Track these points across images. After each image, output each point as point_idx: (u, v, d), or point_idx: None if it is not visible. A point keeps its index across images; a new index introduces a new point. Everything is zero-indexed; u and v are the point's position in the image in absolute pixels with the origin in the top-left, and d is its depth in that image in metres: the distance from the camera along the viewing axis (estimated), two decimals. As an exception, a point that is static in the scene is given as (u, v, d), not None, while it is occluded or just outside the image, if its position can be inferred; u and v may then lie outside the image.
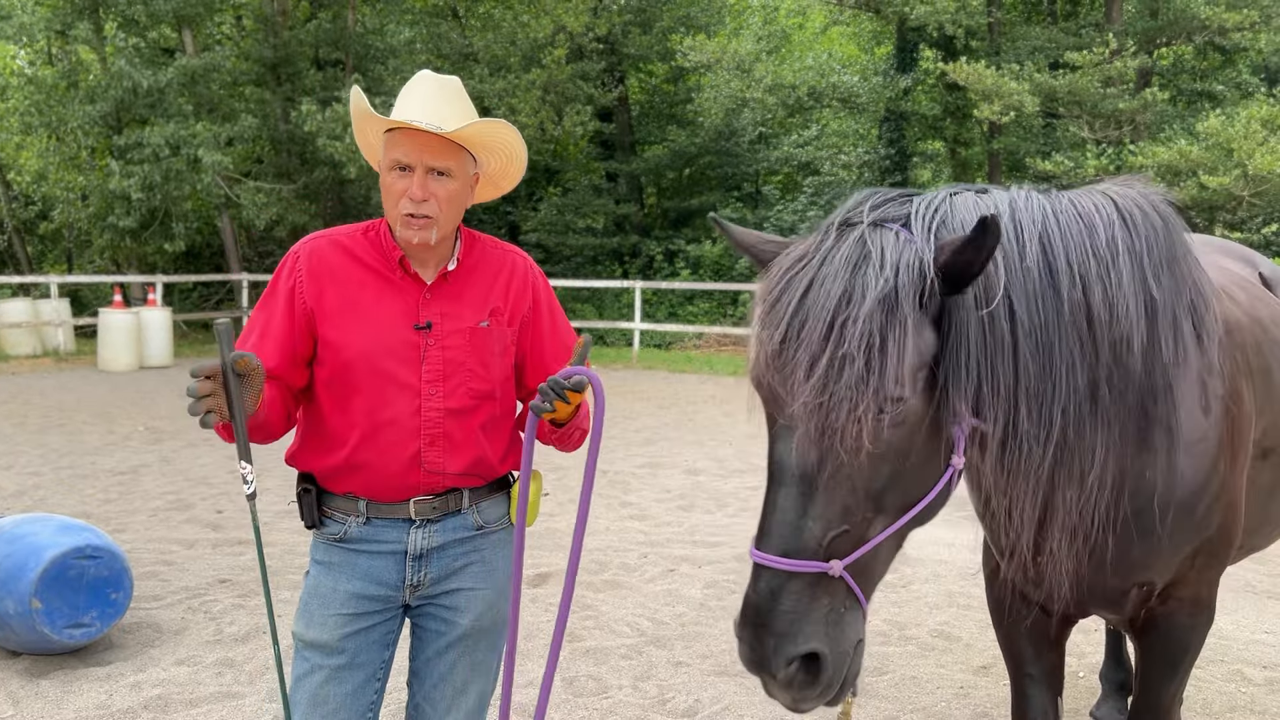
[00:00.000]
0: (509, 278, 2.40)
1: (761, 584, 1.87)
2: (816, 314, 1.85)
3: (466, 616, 2.37)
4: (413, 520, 2.31)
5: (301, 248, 2.33)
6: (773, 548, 1.87)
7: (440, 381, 2.28)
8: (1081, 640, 4.87)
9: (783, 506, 1.88)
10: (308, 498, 2.33)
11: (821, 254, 1.95)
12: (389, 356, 2.25)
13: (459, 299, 2.33)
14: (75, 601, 4.29)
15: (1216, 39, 19.33)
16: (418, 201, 2.19)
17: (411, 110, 2.21)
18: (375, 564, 2.31)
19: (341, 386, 2.26)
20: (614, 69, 24.39)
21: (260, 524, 6.74)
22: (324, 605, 2.30)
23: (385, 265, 2.30)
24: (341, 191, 22.17)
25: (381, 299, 2.28)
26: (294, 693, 2.33)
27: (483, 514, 2.39)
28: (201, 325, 22.22)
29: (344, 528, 2.33)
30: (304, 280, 2.28)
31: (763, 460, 7.46)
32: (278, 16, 22.07)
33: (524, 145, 2.37)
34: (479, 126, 2.23)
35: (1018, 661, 2.85)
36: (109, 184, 18.90)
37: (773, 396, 1.93)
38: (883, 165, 21.83)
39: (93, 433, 10.35)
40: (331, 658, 2.29)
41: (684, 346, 19.74)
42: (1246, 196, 16.32)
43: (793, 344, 1.86)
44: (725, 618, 5.14)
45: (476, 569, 2.39)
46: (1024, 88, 17.37)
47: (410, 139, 2.20)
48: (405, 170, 2.21)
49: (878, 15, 21.23)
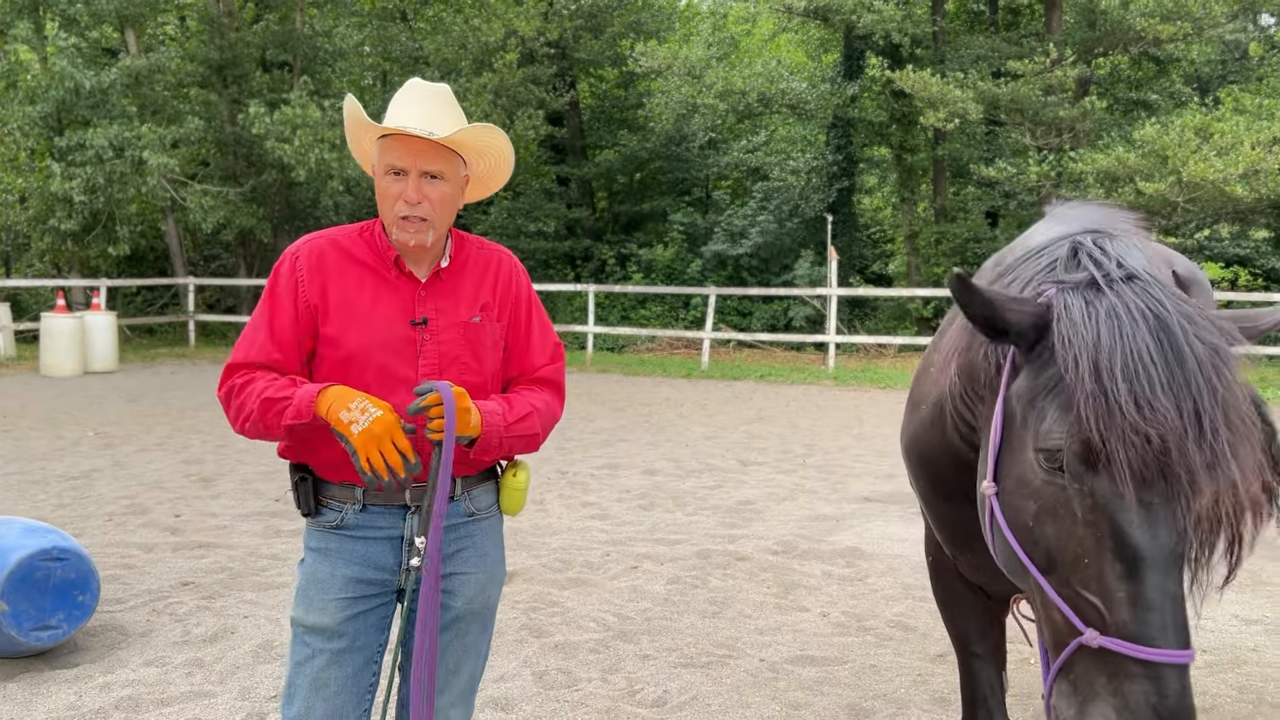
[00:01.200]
0: (496, 274, 2.50)
1: (1176, 684, 1.67)
2: (1198, 385, 1.71)
3: (459, 600, 2.44)
4: (408, 507, 2.39)
5: (300, 248, 2.41)
6: (1179, 641, 1.68)
7: (436, 375, 2.36)
8: (1030, 629, 5.04)
9: (1174, 594, 1.71)
10: (305, 486, 2.39)
11: (1145, 314, 1.78)
12: (387, 352, 2.34)
13: (452, 295, 2.42)
14: (42, 604, 4.27)
15: (1151, 49, 19.95)
16: (413, 204, 2.29)
17: (405, 117, 2.30)
18: (372, 550, 2.38)
19: (339, 379, 2.32)
20: (565, 73, 24.46)
21: (220, 526, 6.76)
22: (323, 591, 2.37)
23: (381, 264, 2.39)
24: (290, 194, 21.96)
25: (379, 297, 2.37)
26: (295, 677, 2.38)
27: (474, 501, 2.47)
28: (146, 330, 21.87)
29: (340, 515, 2.39)
30: (305, 278, 2.36)
31: (719, 460, 7.60)
32: (223, 18, 21.81)
33: (511, 148, 2.49)
34: (470, 132, 2.34)
35: (964, 641, 3.04)
36: (50, 186, 18.55)
37: (1155, 471, 1.70)
38: (830, 171, 22.16)
39: (40, 438, 10.18)
40: (332, 641, 2.35)
41: (637, 349, 19.86)
42: (1181, 202, 16.86)
43: (1188, 416, 1.70)
44: (689, 612, 5.25)
45: (468, 554, 2.46)
46: (968, 95, 17.77)
47: (404, 145, 2.29)
48: (400, 174, 2.31)
49: (825, 23, 21.54)
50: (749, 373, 16.90)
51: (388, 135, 2.32)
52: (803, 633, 4.99)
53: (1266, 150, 16.05)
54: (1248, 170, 15.90)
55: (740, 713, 4.07)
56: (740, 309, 21.57)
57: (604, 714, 4.04)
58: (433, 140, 2.28)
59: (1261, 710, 4.16)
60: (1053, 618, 1.80)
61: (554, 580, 5.71)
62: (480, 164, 2.47)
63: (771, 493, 8.09)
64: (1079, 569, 1.74)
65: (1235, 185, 15.96)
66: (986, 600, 2.97)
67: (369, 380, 2.32)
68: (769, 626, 5.07)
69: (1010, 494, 1.87)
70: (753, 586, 5.71)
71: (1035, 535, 1.80)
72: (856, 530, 6.97)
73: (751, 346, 19.78)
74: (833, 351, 17.17)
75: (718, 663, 4.58)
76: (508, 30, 21.55)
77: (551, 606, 5.29)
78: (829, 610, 5.34)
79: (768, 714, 4.06)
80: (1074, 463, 1.74)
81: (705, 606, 5.35)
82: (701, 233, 23.39)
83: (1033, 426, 1.83)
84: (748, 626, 5.06)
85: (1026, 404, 1.87)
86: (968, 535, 2.75)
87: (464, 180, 2.43)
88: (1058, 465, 1.77)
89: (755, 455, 9.72)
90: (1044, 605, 1.82)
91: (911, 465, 2.90)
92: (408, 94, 2.36)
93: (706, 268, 22.42)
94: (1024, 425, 1.87)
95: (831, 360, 17.05)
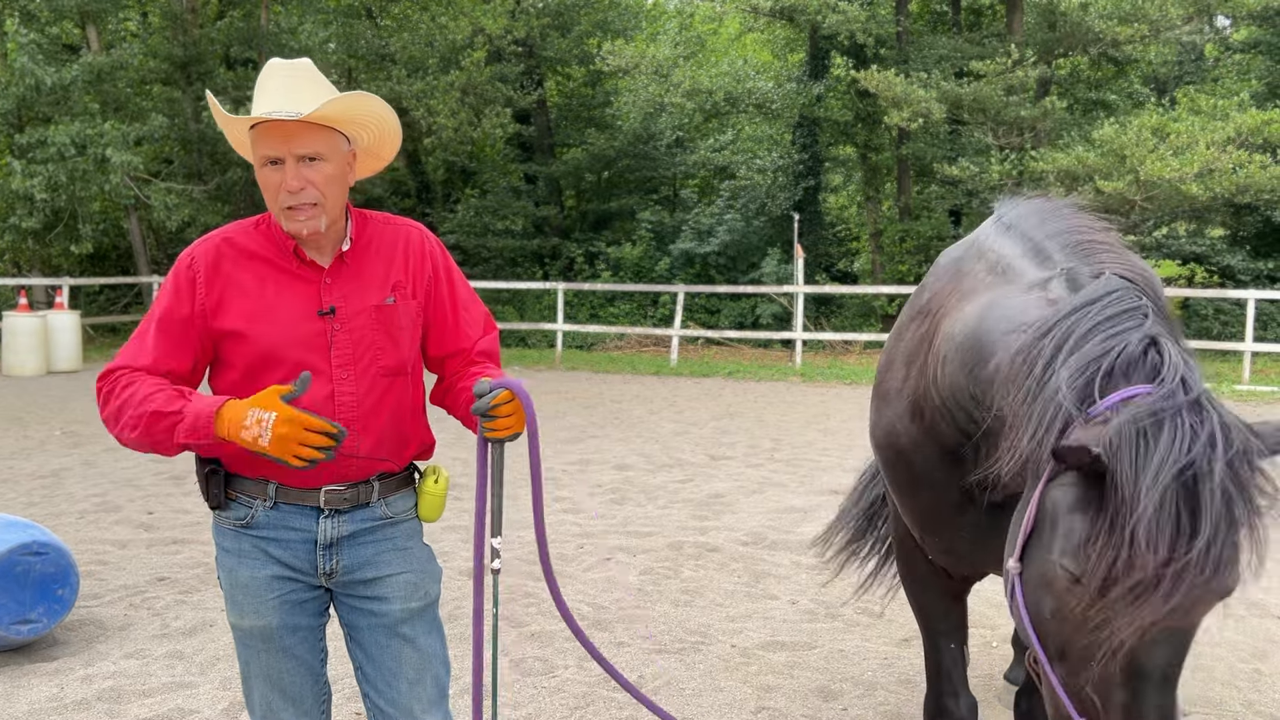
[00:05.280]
0: (405, 250, 2.39)
1: None
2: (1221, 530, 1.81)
3: (394, 603, 2.37)
4: (321, 510, 2.31)
5: (195, 250, 2.30)
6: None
7: (350, 365, 2.29)
8: (994, 614, 5.21)
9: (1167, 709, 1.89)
10: (216, 478, 2.30)
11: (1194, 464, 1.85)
12: (298, 347, 2.25)
13: (359, 279, 2.33)
14: (22, 598, 4.30)
15: (1110, 51, 20.30)
16: (295, 192, 2.18)
17: (268, 102, 2.19)
18: (286, 553, 2.32)
19: (253, 381, 2.24)
20: (532, 72, 24.48)
21: (193, 523, 6.78)
22: (250, 594, 2.31)
23: (281, 256, 2.29)
24: (254, 192, 21.79)
25: (282, 291, 2.27)
26: (248, 673, 2.37)
27: (390, 506, 2.39)
28: (109, 329, 21.64)
29: (250, 512, 2.31)
30: (202, 281, 2.26)
31: (689, 455, 7.73)
32: (186, 14, 21.63)
33: (392, 111, 2.35)
34: (340, 103, 2.20)
35: (929, 619, 3.20)
36: (10, 184, 18.32)
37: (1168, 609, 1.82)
38: (796, 170, 22.35)
39: (5, 438, 10.11)
40: (274, 637, 2.33)
41: (606, 347, 19.94)
42: (1139, 201, 17.20)
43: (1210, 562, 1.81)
44: (662, 601, 5.36)
45: (390, 555, 2.38)
46: (931, 95, 18.01)
47: (273, 131, 2.18)
48: (276, 163, 2.19)
49: (791, 23, 21.73)
50: (717, 369, 17.05)
51: (256, 124, 2.20)
52: (773, 619, 5.12)
53: (1221, 150, 16.42)
54: (1203, 169, 16.26)
55: (713, 696, 4.18)
56: (708, 306, 21.72)
57: (581, 699, 4.14)
58: (301, 120, 2.15)
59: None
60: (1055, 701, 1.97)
61: (529, 572, 5.80)
62: (363, 135, 2.34)
63: (741, 486, 8.22)
64: (1085, 668, 1.91)
65: (1191, 184, 16.30)
66: (949, 580, 3.11)
67: (283, 377, 2.23)
68: (740, 614, 5.19)
69: (1032, 584, 1.99)
70: (724, 576, 5.83)
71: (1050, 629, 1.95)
72: (824, 521, 7.05)
73: (720, 344, 19.93)
74: (800, 348, 17.35)
75: (691, 649, 4.69)
76: (475, 28, 21.55)
77: (527, 597, 5.38)
78: (798, 598, 5.47)
79: (740, 696, 4.18)
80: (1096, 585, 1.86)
81: (678, 596, 5.46)
82: (669, 231, 23.51)
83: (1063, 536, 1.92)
84: (719, 614, 5.18)
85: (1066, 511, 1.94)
86: (939, 521, 2.88)
87: (349, 156, 2.31)
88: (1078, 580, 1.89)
89: (724, 450, 9.85)
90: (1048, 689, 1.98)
91: (887, 458, 2.99)
92: (267, 77, 2.24)
93: (674, 266, 22.55)
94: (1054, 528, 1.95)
95: (799, 357, 17.23)
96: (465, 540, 6.45)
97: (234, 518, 2.33)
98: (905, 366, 2.89)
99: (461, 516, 6.94)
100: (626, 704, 4.09)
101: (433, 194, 26.20)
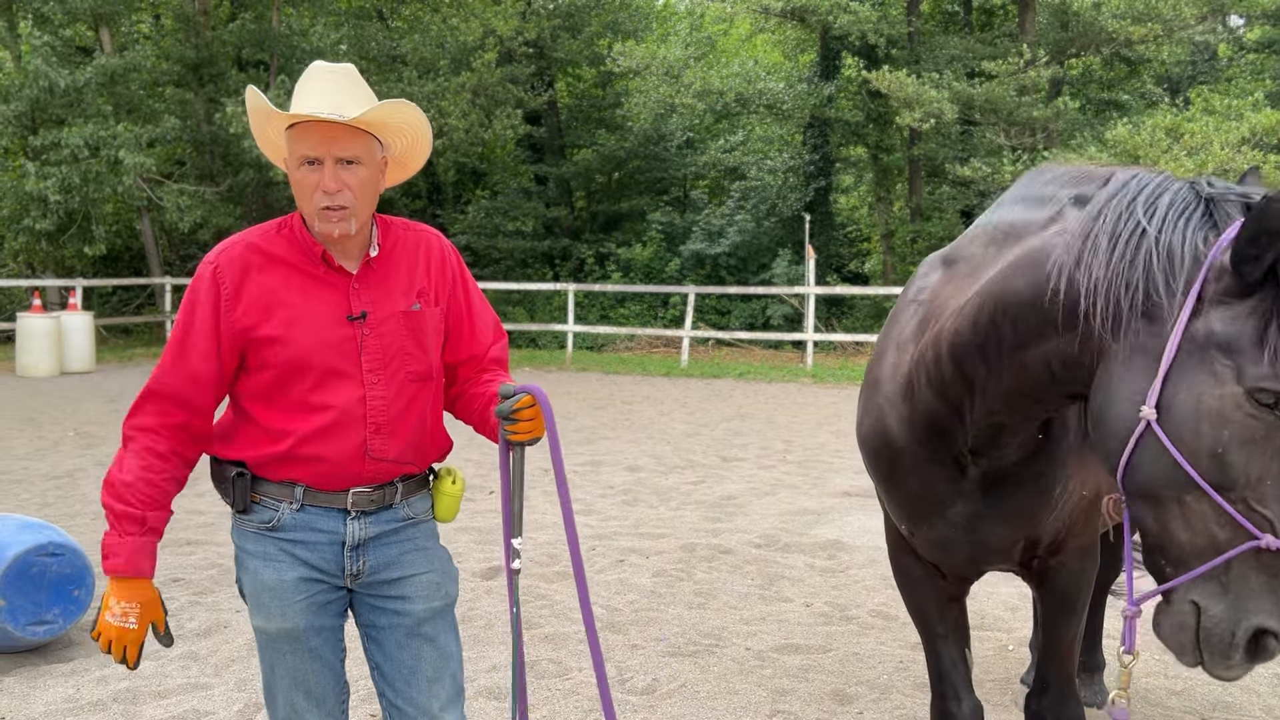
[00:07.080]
0: (427, 257, 2.41)
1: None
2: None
3: (416, 603, 2.39)
4: (348, 512, 2.33)
5: (218, 258, 2.28)
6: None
7: (380, 369, 2.30)
8: (1010, 617, 5.19)
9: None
10: (242, 482, 2.30)
11: None
12: (329, 352, 2.26)
13: (386, 284, 2.34)
14: (38, 599, 4.31)
15: (1122, 51, 20.25)
16: (332, 193, 2.19)
17: (311, 102, 2.19)
18: (313, 555, 2.33)
19: (283, 386, 2.26)
20: (543, 73, 24.55)
21: (207, 524, 6.80)
22: (277, 597, 2.32)
23: (308, 261, 2.29)
24: (267, 193, 21.91)
25: (310, 296, 2.27)
26: (272, 679, 2.38)
27: (412, 507, 2.42)
28: (122, 330, 21.75)
29: (276, 515, 2.31)
30: (228, 292, 2.25)
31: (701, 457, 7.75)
32: (199, 16, 21.74)
33: (427, 122, 2.36)
34: (383, 109, 2.22)
35: (927, 622, 3.16)
36: (24, 185, 18.42)
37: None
38: (807, 170, 22.34)
39: (20, 439, 10.15)
40: (302, 639, 2.34)
41: (616, 348, 19.95)
42: (1152, 202, 17.11)
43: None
44: (676, 604, 5.35)
45: (413, 555, 2.41)
46: (943, 96, 17.98)
47: (314, 131, 2.18)
48: (314, 164, 2.19)
49: (802, 24, 21.73)
50: (728, 371, 17.03)
51: (296, 124, 2.20)
52: (787, 622, 5.10)
53: (1235, 150, 16.34)
54: (1217, 170, 16.17)
55: (728, 699, 4.17)
56: (719, 308, 21.71)
57: (594, 701, 4.13)
58: (345, 123, 2.16)
59: None
60: (1209, 529, 1.95)
61: (542, 574, 5.79)
62: (398, 143, 2.36)
63: (753, 488, 8.21)
64: (1260, 488, 1.91)
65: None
66: (943, 581, 3.08)
67: (312, 383, 2.25)
68: (754, 617, 5.17)
69: (1185, 420, 1.97)
70: (737, 578, 5.81)
71: (1222, 458, 1.94)
72: (837, 524, 7.09)
73: (730, 345, 19.91)
74: (811, 349, 17.33)
75: (705, 651, 4.68)
76: (486, 29, 21.60)
77: (540, 599, 5.37)
78: (812, 601, 5.46)
79: (754, 700, 4.17)
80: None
81: (691, 598, 5.45)
82: (680, 232, 23.52)
83: (1245, 365, 1.92)
84: (733, 617, 5.17)
85: (1233, 339, 1.94)
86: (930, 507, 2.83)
87: (382, 163, 2.32)
88: (1269, 404, 1.90)
89: (736, 452, 9.84)
90: (1201, 517, 1.96)
91: (873, 448, 2.93)
92: (311, 78, 2.24)
93: (685, 267, 22.55)
94: (1225, 359, 1.94)
95: (810, 358, 17.21)
96: (478, 542, 6.45)
97: (259, 520, 2.32)
98: (897, 351, 2.82)
99: (474, 519, 6.95)
100: (640, 706, 4.08)
101: (443, 195, 26.28)
